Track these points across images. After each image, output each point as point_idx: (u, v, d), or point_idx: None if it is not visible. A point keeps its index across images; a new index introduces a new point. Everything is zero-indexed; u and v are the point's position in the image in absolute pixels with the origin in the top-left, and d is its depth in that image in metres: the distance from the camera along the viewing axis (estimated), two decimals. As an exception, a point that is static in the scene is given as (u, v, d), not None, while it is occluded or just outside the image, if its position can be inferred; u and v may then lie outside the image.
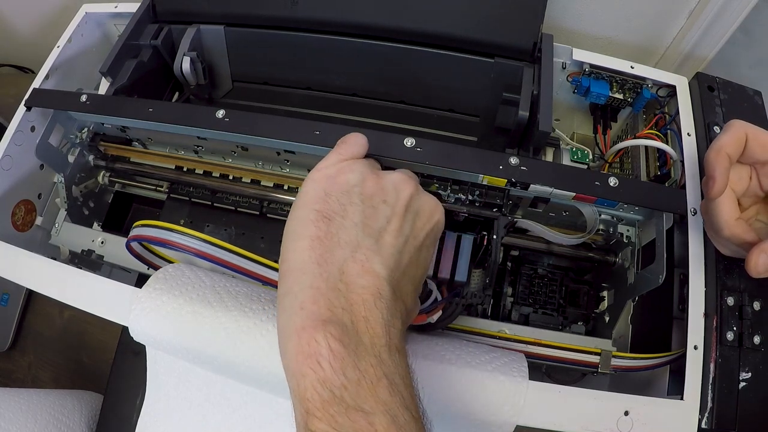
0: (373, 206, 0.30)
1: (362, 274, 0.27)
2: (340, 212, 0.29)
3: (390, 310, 0.27)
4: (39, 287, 0.41)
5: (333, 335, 0.25)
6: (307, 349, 0.24)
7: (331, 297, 0.26)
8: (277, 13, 0.54)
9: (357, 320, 0.26)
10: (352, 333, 0.25)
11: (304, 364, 0.24)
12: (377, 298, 0.27)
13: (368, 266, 0.28)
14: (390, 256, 0.29)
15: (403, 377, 0.26)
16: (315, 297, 0.26)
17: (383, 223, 0.30)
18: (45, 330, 0.75)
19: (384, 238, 0.30)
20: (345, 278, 0.27)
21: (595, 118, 0.54)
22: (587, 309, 0.49)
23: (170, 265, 0.39)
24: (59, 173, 0.54)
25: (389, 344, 0.26)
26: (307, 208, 0.29)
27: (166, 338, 0.35)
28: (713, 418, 0.34)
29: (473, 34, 0.51)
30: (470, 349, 0.36)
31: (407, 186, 0.32)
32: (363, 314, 0.26)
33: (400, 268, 0.30)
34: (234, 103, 0.62)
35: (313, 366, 0.24)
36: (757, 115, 0.45)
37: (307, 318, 0.25)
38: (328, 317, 0.25)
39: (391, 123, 0.58)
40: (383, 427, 0.23)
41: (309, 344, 0.24)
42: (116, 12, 0.58)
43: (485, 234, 0.44)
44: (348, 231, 0.29)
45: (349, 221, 0.29)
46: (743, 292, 0.37)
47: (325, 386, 0.24)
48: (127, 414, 0.54)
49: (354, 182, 0.31)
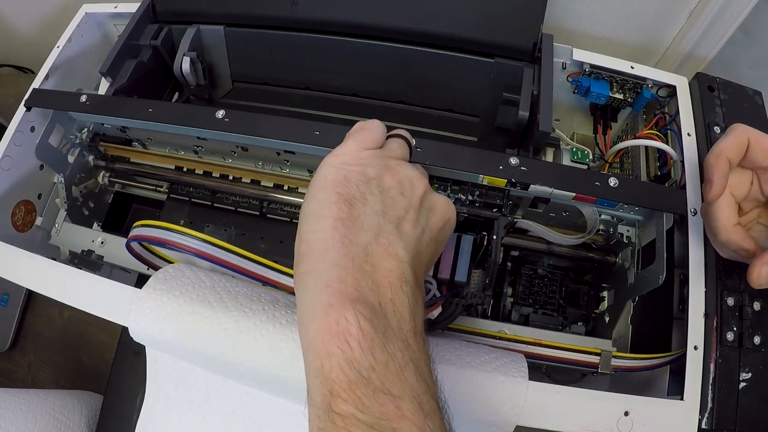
0: (392, 197, 0.30)
1: (387, 258, 0.27)
2: (360, 198, 0.29)
3: (414, 296, 0.27)
4: (39, 287, 0.41)
5: (363, 314, 0.24)
6: (335, 327, 0.23)
7: (358, 276, 0.26)
8: (277, 13, 0.54)
9: (385, 302, 0.25)
10: (380, 314, 0.25)
11: (331, 342, 0.23)
12: (403, 282, 0.27)
13: (392, 250, 0.27)
14: (410, 242, 0.29)
15: (427, 363, 0.25)
16: (342, 275, 0.25)
17: (402, 212, 0.30)
18: (45, 330, 0.75)
19: (403, 226, 0.29)
20: (370, 260, 0.27)
21: (595, 118, 0.54)
22: (587, 309, 0.49)
23: (170, 266, 0.39)
24: (59, 173, 0.54)
25: (415, 330, 0.26)
26: (328, 190, 0.29)
27: (166, 338, 0.35)
28: (713, 419, 0.34)
29: (473, 34, 0.51)
30: (470, 349, 0.36)
31: (421, 183, 0.32)
32: (390, 296, 0.26)
33: (420, 256, 0.30)
34: (234, 103, 0.62)
35: (341, 345, 0.23)
36: (757, 115, 0.45)
37: (334, 296, 0.25)
38: (356, 296, 0.25)
39: (392, 123, 0.58)
40: (411, 413, 0.23)
41: (338, 322, 0.24)
42: (116, 12, 0.58)
43: (485, 234, 0.44)
44: (369, 216, 0.29)
45: (370, 208, 0.29)
46: (743, 292, 0.37)
47: (352, 366, 0.23)
48: (127, 414, 0.54)
49: (372, 175, 0.31)
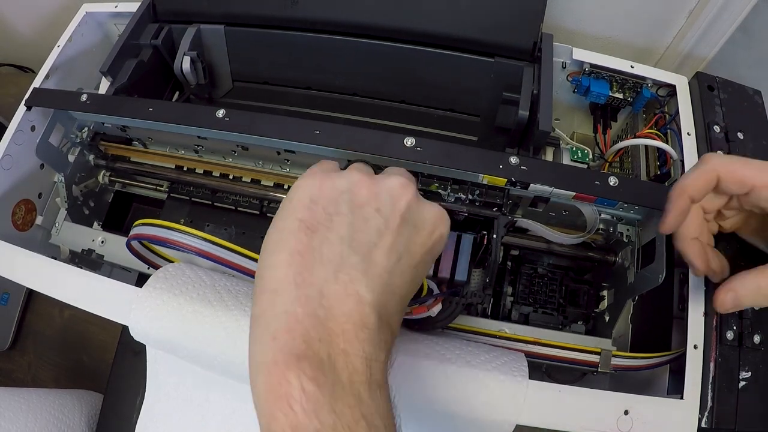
0: (364, 217, 0.27)
1: (344, 299, 0.24)
2: (325, 223, 0.26)
3: (373, 342, 0.24)
4: (39, 287, 0.41)
5: (307, 374, 0.22)
6: (278, 389, 0.22)
7: (307, 325, 0.23)
8: (277, 13, 0.54)
9: (335, 354, 0.23)
10: (328, 370, 0.23)
11: (275, 406, 0.22)
12: (360, 329, 0.24)
13: (352, 289, 0.25)
14: (378, 276, 0.26)
15: (383, 417, 0.23)
16: (290, 325, 0.23)
17: (374, 237, 0.27)
18: (45, 330, 0.75)
19: (374, 255, 0.26)
20: (325, 302, 0.24)
21: (595, 118, 0.54)
22: (587, 308, 0.49)
23: (170, 265, 0.39)
24: (59, 173, 0.54)
25: (370, 381, 0.23)
26: (290, 217, 0.27)
27: (166, 337, 0.35)
28: (713, 418, 0.34)
29: (473, 33, 0.51)
30: (470, 348, 0.36)
31: (405, 193, 0.29)
32: (342, 347, 0.23)
33: (390, 289, 0.26)
34: (234, 102, 0.62)
35: (284, 409, 0.22)
36: (757, 114, 0.45)
37: (279, 351, 0.23)
38: (303, 351, 0.23)
39: (392, 123, 0.58)
40: None
41: (280, 384, 0.22)
42: (116, 12, 0.58)
43: (485, 233, 0.44)
44: (332, 246, 0.26)
45: (335, 234, 0.26)
46: (743, 291, 0.37)
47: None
48: (127, 414, 0.54)
49: (343, 188, 0.28)
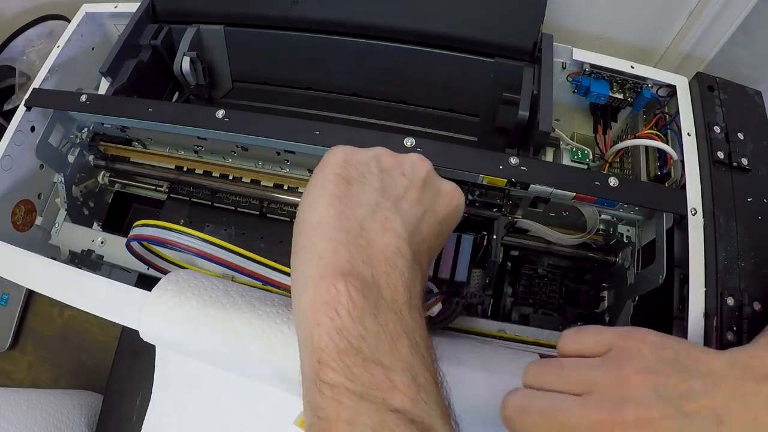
0: (392, 177, 0.30)
1: (383, 232, 0.27)
2: (358, 178, 0.29)
3: (411, 270, 0.26)
4: (39, 287, 0.41)
5: (354, 285, 0.24)
6: (325, 297, 0.23)
7: (352, 250, 0.25)
8: (277, 13, 0.54)
9: (378, 275, 0.25)
10: (373, 286, 0.24)
11: (321, 311, 0.23)
12: (398, 256, 0.26)
13: (389, 225, 0.27)
14: (409, 220, 0.28)
15: (423, 338, 0.25)
16: (335, 248, 0.25)
17: (401, 191, 0.29)
18: (45, 330, 0.75)
19: (402, 204, 0.29)
20: (365, 234, 0.26)
21: (595, 118, 0.54)
22: (587, 309, 0.49)
23: (181, 270, 0.39)
24: (59, 173, 0.54)
25: (410, 303, 0.25)
26: (327, 172, 0.29)
27: (179, 339, 0.35)
28: (713, 418, 0.34)
29: (473, 34, 0.51)
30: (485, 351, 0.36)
31: (424, 165, 0.32)
32: (384, 269, 0.25)
33: (420, 235, 0.29)
34: (234, 103, 0.62)
35: (330, 314, 0.23)
36: (757, 115, 0.45)
37: (326, 267, 0.24)
38: (349, 269, 0.24)
39: (391, 123, 0.58)
40: (403, 384, 0.22)
41: (328, 292, 0.23)
42: (116, 12, 0.58)
43: (485, 234, 0.44)
44: (367, 194, 0.28)
45: (369, 186, 0.29)
46: (743, 292, 0.37)
47: (342, 335, 0.23)
48: (127, 414, 0.54)
49: (370, 155, 0.31)
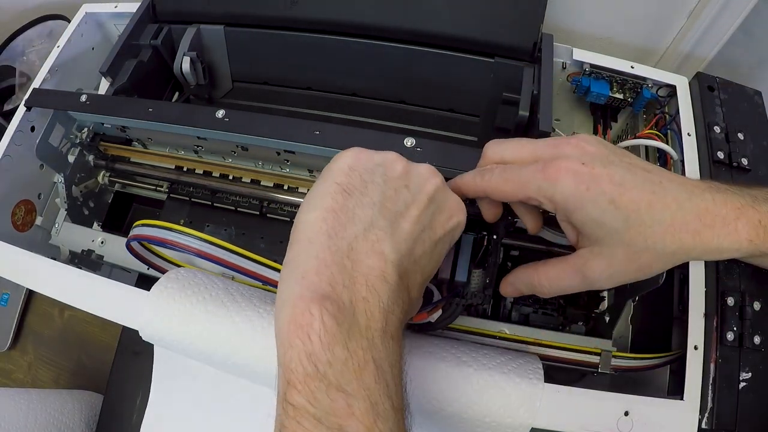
0: (395, 189, 0.29)
1: (370, 254, 0.27)
2: (360, 188, 0.29)
3: (392, 296, 0.27)
4: (39, 287, 0.41)
5: (328, 310, 0.24)
6: (300, 319, 0.24)
7: (334, 271, 0.26)
8: (277, 13, 0.54)
9: (356, 300, 0.25)
10: (348, 312, 0.25)
11: (294, 334, 0.24)
12: (381, 281, 0.26)
13: (378, 247, 0.27)
14: (403, 241, 0.28)
15: (392, 365, 0.25)
16: (318, 268, 0.26)
17: (402, 207, 0.29)
18: (45, 330, 0.75)
19: (400, 222, 0.29)
20: (352, 255, 0.26)
21: (595, 118, 0.54)
22: (587, 309, 0.49)
23: (181, 269, 0.39)
24: (59, 173, 0.54)
25: (385, 330, 0.26)
26: (329, 181, 0.29)
27: (178, 337, 0.35)
28: (713, 418, 0.34)
29: (473, 34, 0.51)
30: (485, 351, 0.36)
31: (434, 178, 0.31)
32: (364, 294, 0.26)
33: (412, 257, 0.29)
34: (234, 103, 0.62)
35: (302, 337, 0.24)
36: (758, 115, 0.45)
37: (306, 288, 0.25)
38: (328, 292, 0.25)
39: (391, 123, 0.58)
40: (361, 412, 0.23)
41: (303, 315, 0.24)
42: (116, 12, 0.58)
43: (485, 234, 0.44)
44: (364, 208, 0.28)
45: (368, 199, 0.28)
46: (743, 292, 0.37)
47: (310, 360, 0.23)
48: (127, 414, 0.54)
49: (379, 161, 0.30)
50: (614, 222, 0.30)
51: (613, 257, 0.31)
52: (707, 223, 0.29)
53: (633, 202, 0.29)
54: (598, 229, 0.30)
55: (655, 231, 0.29)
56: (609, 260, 0.31)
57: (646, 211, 0.29)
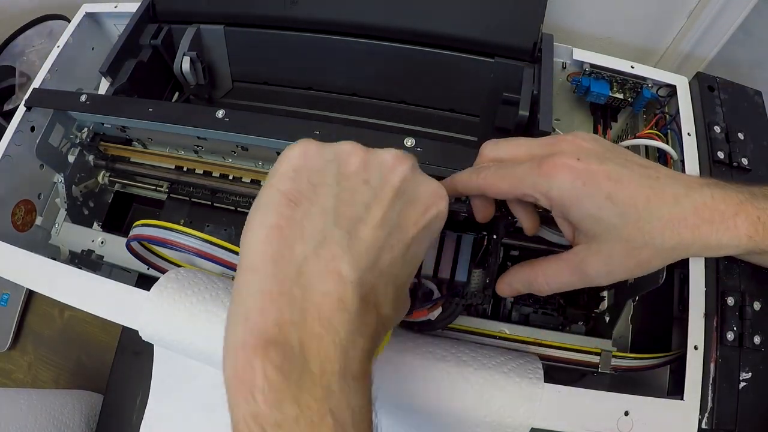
0: (352, 188, 0.25)
1: (324, 278, 0.22)
2: (308, 195, 0.24)
3: (352, 326, 0.22)
4: (39, 288, 0.41)
5: (272, 362, 0.21)
6: (242, 375, 0.21)
7: (282, 305, 0.22)
8: (277, 13, 0.54)
9: (308, 339, 0.21)
10: (297, 357, 0.21)
11: (238, 392, 0.21)
12: (337, 310, 0.22)
13: (333, 266, 0.22)
14: (364, 253, 0.23)
15: (355, 411, 0.22)
16: (263, 305, 0.22)
17: (361, 210, 0.24)
18: (45, 330, 0.75)
19: (360, 229, 0.24)
20: (302, 281, 0.22)
21: (595, 118, 0.54)
22: (587, 309, 0.49)
23: (182, 269, 0.39)
24: (59, 173, 0.54)
25: (344, 371, 0.22)
26: (272, 190, 0.24)
27: (178, 336, 0.35)
28: (713, 418, 0.34)
29: (473, 34, 0.51)
30: (485, 351, 0.36)
31: (400, 165, 0.26)
32: (317, 331, 0.22)
33: (378, 268, 0.24)
34: (234, 103, 0.62)
35: (245, 397, 0.21)
36: (758, 115, 0.45)
37: (249, 332, 0.21)
38: (273, 335, 0.21)
39: (391, 123, 0.58)
40: None
41: (245, 369, 0.21)
42: (116, 12, 0.58)
43: (485, 234, 0.44)
44: (314, 220, 0.23)
45: (318, 207, 0.24)
46: (744, 292, 0.37)
47: (257, 422, 0.20)
48: (127, 414, 0.54)
49: (330, 157, 0.26)
50: (612, 218, 0.29)
51: (612, 253, 0.30)
52: (706, 219, 0.29)
53: (630, 198, 0.29)
54: (595, 225, 0.30)
55: (653, 226, 0.29)
56: (607, 256, 0.30)
57: (644, 207, 0.29)
